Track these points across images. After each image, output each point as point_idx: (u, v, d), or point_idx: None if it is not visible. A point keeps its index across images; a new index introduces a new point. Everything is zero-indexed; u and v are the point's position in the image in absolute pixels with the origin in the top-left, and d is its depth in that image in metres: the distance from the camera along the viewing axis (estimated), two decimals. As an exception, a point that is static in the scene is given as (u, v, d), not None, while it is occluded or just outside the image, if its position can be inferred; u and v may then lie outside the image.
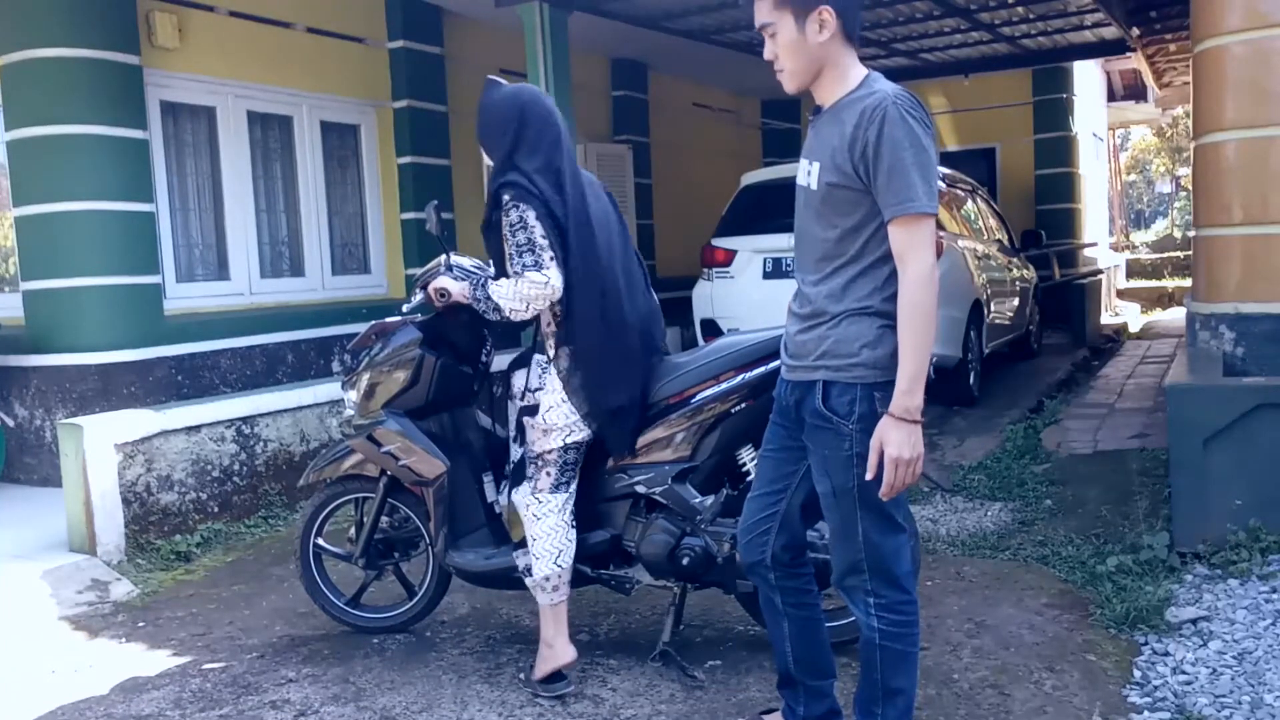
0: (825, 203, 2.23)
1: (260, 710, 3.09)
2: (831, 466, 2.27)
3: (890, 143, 2.10)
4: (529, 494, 3.09)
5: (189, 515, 4.92)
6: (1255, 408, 3.82)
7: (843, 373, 2.23)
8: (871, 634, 2.30)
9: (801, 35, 2.21)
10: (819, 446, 2.30)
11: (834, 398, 2.25)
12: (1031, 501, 4.94)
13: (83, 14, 5.59)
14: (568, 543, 3.09)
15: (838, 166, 2.18)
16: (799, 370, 2.32)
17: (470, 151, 8.52)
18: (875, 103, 2.13)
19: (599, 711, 2.97)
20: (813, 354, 2.27)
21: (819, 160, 2.24)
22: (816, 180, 2.24)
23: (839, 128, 2.19)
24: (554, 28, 6.66)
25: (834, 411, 2.24)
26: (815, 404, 2.26)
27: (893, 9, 8.55)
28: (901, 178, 2.10)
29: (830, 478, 2.28)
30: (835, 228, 2.23)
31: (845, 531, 2.30)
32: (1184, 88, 12.28)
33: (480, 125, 3.16)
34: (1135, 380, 8.30)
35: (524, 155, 3.03)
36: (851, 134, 2.15)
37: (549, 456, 3.07)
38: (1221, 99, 4.76)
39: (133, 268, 5.83)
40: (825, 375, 2.25)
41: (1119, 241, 22.07)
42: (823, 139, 2.24)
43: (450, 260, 3.44)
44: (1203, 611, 3.41)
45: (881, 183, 2.13)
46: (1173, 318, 13.53)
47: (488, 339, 3.58)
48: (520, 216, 2.95)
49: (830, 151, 2.20)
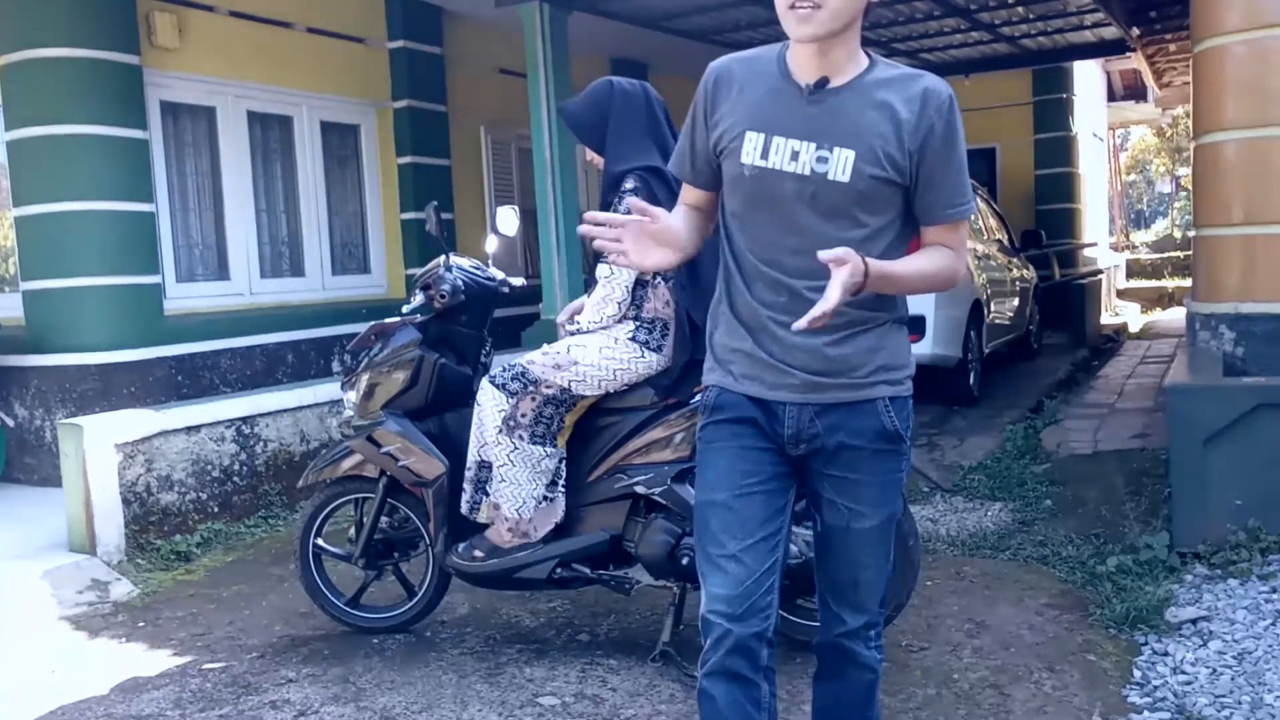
0: (860, 198, 1.85)
1: (260, 710, 3.09)
2: (888, 494, 1.98)
3: (957, 137, 1.86)
4: (507, 435, 3.12)
5: (189, 515, 4.92)
6: (1255, 408, 3.82)
7: (901, 386, 1.96)
8: (874, 674, 2.10)
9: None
10: (875, 474, 1.96)
11: (900, 415, 1.96)
12: (1031, 501, 4.94)
13: (83, 14, 5.58)
14: (532, 501, 3.13)
15: (889, 157, 1.83)
16: (836, 389, 1.91)
17: (470, 151, 8.55)
18: (937, 87, 1.85)
19: (599, 711, 2.97)
20: (864, 367, 1.92)
21: (850, 147, 1.83)
22: (847, 170, 1.83)
23: (884, 111, 1.83)
24: (554, 28, 6.66)
25: (902, 430, 1.96)
26: (882, 425, 1.93)
27: (893, 9, 8.55)
28: (963, 176, 1.89)
29: (884, 507, 1.98)
30: (863, 226, 1.87)
31: (879, 569, 2.02)
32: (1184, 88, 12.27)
33: (613, 113, 3.15)
34: (1135, 380, 8.30)
35: (649, 146, 3.09)
36: (915, 121, 1.82)
37: (532, 402, 3.10)
38: (1221, 99, 4.75)
39: (133, 268, 5.83)
40: (888, 391, 1.94)
41: (1119, 241, 22.07)
42: (852, 121, 1.84)
43: (450, 260, 3.44)
44: (1203, 611, 3.40)
45: (941, 179, 1.87)
46: (1173, 318, 13.53)
47: (487, 340, 3.58)
48: (626, 210, 3.02)
49: (875, 139, 1.83)
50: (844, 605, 2.04)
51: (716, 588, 1.93)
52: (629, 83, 3.21)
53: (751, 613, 1.91)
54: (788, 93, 1.88)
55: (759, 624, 1.91)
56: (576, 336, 3.16)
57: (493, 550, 3.25)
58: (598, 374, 3.08)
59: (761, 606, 1.92)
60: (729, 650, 1.91)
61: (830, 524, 2.00)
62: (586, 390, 3.11)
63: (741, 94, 1.92)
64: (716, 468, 1.98)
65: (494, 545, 3.24)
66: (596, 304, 3.11)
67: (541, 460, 3.13)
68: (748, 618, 1.90)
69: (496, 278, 3.57)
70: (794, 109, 1.87)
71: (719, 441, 1.98)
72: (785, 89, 1.88)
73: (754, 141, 1.88)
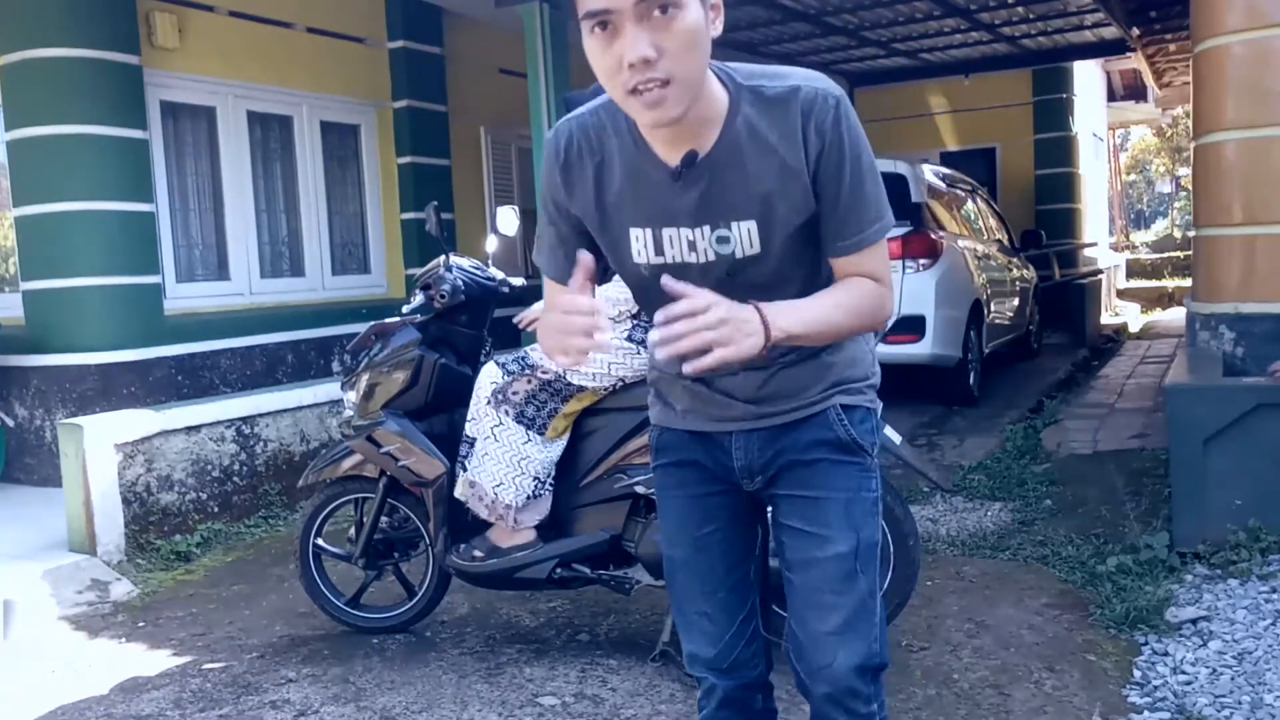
0: (784, 256, 1.59)
1: (260, 710, 3.09)
2: (857, 514, 1.70)
3: (853, 147, 1.53)
4: (493, 408, 3.13)
5: (189, 515, 4.92)
6: (1255, 408, 3.82)
7: (859, 396, 1.75)
8: None
9: (704, 20, 1.45)
10: (839, 489, 1.71)
11: (857, 423, 1.72)
12: (1031, 501, 4.94)
13: (83, 14, 5.59)
14: (513, 483, 3.13)
15: (792, 203, 1.55)
16: (787, 411, 1.71)
17: (470, 151, 8.55)
18: (812, 98, 1.52)
19: (599, 711, 2.97)
20: (816, 386, 1.70)
21: (748, 218, 1.55)
22: (754, 241, 1.56)
23: (767, 157, 1.53)
24: (554, 28, 6.66)
25: (860, 440, 1.72)
26: (834, 435, 1.70)
27: (893, 9, 8.56)
28: (865, 190, 1.55)
29: (857, 531, 1.69)
30: (800, 268, 1.63)
31: (861, 610, 1.68)
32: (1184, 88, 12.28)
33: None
34: (1135, 380, 8.30)
35: None
36: (801, 151, 1.52)
37: (528, 384, 3.11)
38: (1221, 99, 4.76)
39: (133, 268, 5.83)
40: (842, 399, 1.72)
41: (1119, 241, 22.08)
42: (738, 186, 1.54)
43: (450, 261, 3.44)
44: (1203, 611, 3.41)
45: (842, 201, 1.55)
46: (1173, 318, 13.53)
47: (487, 339, 3.58)
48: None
49: (772, 195, 1.54)
50: (816, 669, 1.70)
51: (694, 646, 1.82)
52: None
53: (736, 665, 1.79)
54: (655, 177, 1.56)
55: (747, 674, 1.80)
56: None
57: (492, 550, 3.25)
58: (592, 365, 3.09)
59: (745, 659, 1.80)
60: (719, 704, 1.81)
61: (791, 559, 1.72)
62: (581, 380, 3.11)
63: (600, 178, 1.61)
64: (668, 520, 1.82)
65: (494, 545, 3.24)
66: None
67: (524, 445, 3.12)
68: (733, 671, 1.79)
69: (496, 278, 3.57)
70: (669, 195, 1.56)
71: (667, 490, 1.82)
72: (649, 173, 1.56)
73: (641, 239, 1.60)
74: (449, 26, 8.07)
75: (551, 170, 1.64)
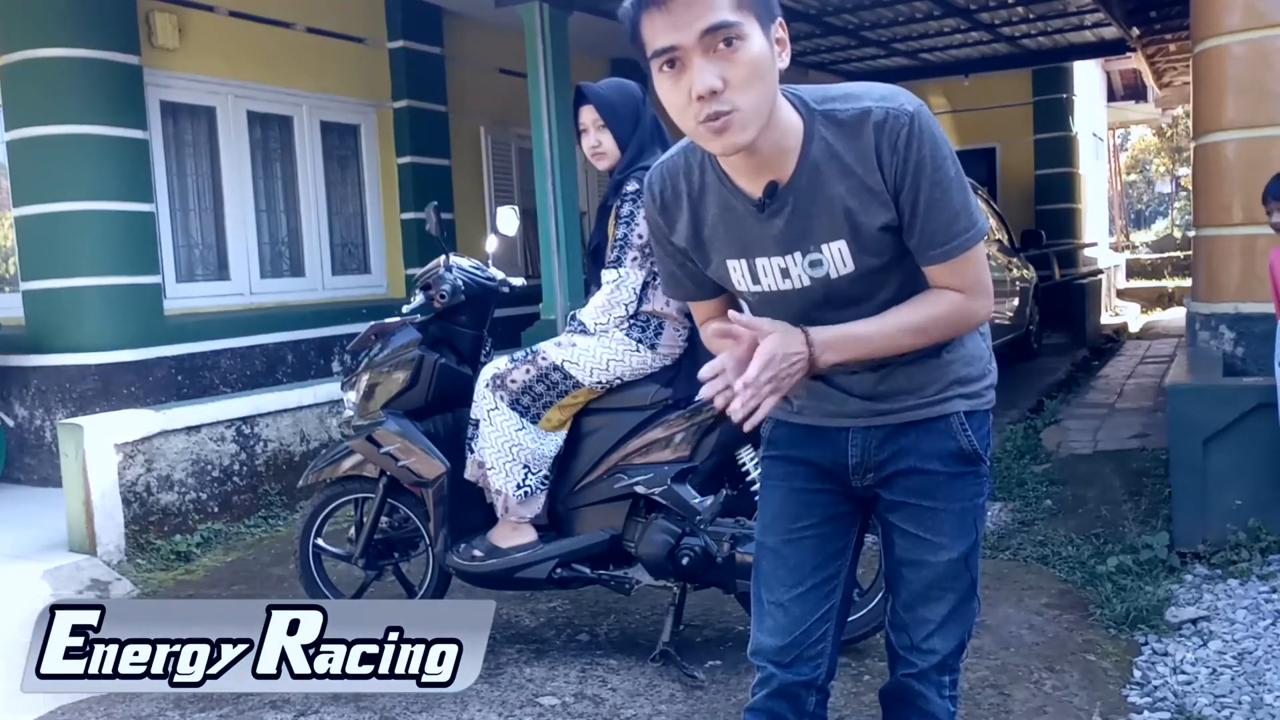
0: (878, 269, 1.63)
1: (260, 710, 3.09)
2: (967, 524, 1.76)
3: (935, 158, 1.55)
4: (491, 390, 3.15)
5: (189, 515, 4.92)
6: (1255, 408, 3.82)
7: (979, 399, 1.76)
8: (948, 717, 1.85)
9: (769, 52, 1.49)
10: (952, 501, 1.75)
11: (976, 431, 1.74)
12: (1031, 501, 4.94)
13: (83, 14, 5.59)
14: (503, 468, 3.15)
15: (878, 216, 1.58)
16: (904, 410, 1.73)
17: (470, 151, 8.55)
18: (885, 116, 1.53)
19: (599, 711, 2.97)
20: (934, 384, 1.72)
21: (836, 239, 1.59)
22: (847, 260, 1.60)
23: (847, 179, 1.56)
24: (554, 28, 6.66)
25: (981, 450, 1.75)
26: (958, 446, 1.74)
27: (893, 9, 8.55)
28: (951, 199, 1.57)
29: (964, 538, 1.76)
30: (895, 275, 1.66)
31: (965, 598, 1.80)
32: (1184, 88, 12.28)
33: (643, 119, 3.17)
34: (1135, 380, 8.31)
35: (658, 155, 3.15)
36: (878, 170, 1.55)
37: (526, 373, 3.13)
38: (1221, 99, 4.76)
39: (132, 268, 5.83)
40: (964, 405, 1.74)
41: (1119, 241, 22.07)
42: (823, 211, 1.58)
43: (450, 261, 3.44)
44: (1203, 611, 3.41)
45: (927, 212, 1.58)
46: (1173, 318, 13.53)
47: (487, 339, 3.58)
48: (631, 212, 3.05)
49: (856, 212, 1.57)
50: (914, 646, 1.81)
51: (762, 634, 1.83)
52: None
53: (800, 661, 1.81)
54: (741, 210, 1.62)
55: (808, 672, 1.81)
56: (577, 335, 3.18)
57: (492, 550, 3.25)
58: (591, 360, 3.10)
59: (811, 655, 1.80)
60: (772, 693, 1.82)
61: (902, 557, 1.79)
62: (579, 374, 3.11)
63: (696, 216, 1.67)
64: (768, 509, 1.85)
65: (494, 545, 3.24)
66: (603, 306, 3.11)
67: (517, 431, 3.13)
68: (795, 665, 1.80)
69: (496, 277, 3.57)
70: (757, 226, 1.61)
71: (771, 479, 1.85)
72: (736, 206, 1.62)
73: (739, 270, 1.67)
74: (449, 26, 8.07)
75: (652, 214, 1.74)
